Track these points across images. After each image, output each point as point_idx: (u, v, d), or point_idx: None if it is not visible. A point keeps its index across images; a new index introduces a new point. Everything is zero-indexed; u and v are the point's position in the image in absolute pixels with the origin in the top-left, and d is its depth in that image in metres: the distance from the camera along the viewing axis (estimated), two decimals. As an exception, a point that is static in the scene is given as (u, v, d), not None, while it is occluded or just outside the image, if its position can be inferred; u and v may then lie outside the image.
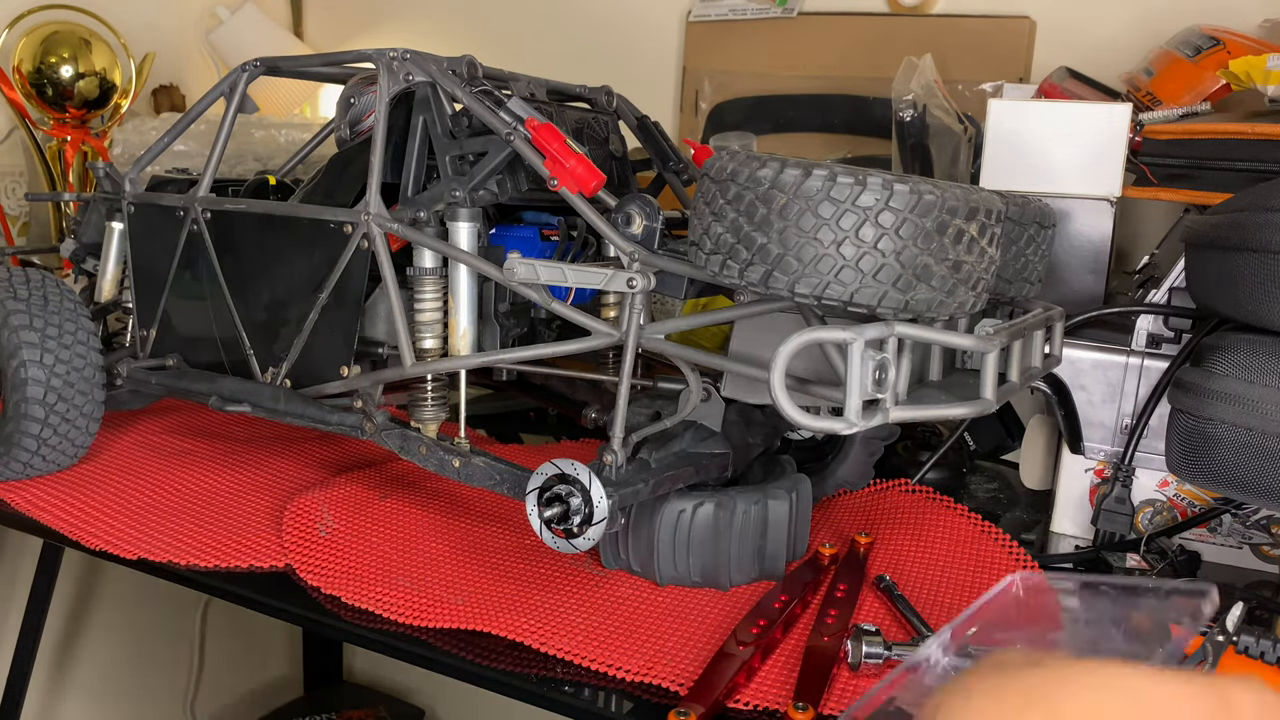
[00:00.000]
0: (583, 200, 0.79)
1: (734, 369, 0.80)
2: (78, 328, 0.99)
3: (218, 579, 0.84)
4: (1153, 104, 1.06)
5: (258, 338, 0.96)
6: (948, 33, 1.36)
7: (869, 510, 0.99)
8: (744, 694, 0.67)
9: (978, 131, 1.17)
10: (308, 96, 1.80)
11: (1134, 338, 0.92)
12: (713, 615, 0.77)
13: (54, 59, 1.50)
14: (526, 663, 0.71)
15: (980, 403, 0.65)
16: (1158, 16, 1.26)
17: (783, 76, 1.47)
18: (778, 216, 0.64)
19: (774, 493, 0.82)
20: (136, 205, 1.04)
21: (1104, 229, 0.98)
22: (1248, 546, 0.90)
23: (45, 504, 0.95)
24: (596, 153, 0.99)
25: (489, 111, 0.84)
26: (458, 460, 0.84)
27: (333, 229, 0.89)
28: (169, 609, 1.83)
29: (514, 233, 0.95)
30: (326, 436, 1.13)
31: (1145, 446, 0.90)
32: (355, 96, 0.98)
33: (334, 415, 0.91)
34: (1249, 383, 0.75)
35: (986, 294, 0.68)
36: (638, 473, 0.77)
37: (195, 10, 1.82)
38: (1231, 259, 0.76)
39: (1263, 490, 0.76)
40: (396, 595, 0.79)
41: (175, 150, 1.39)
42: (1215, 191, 0.90)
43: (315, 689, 2.05)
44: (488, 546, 0.88)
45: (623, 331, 0.77)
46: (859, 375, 0.61)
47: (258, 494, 0.99)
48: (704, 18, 1.54)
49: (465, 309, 0.86)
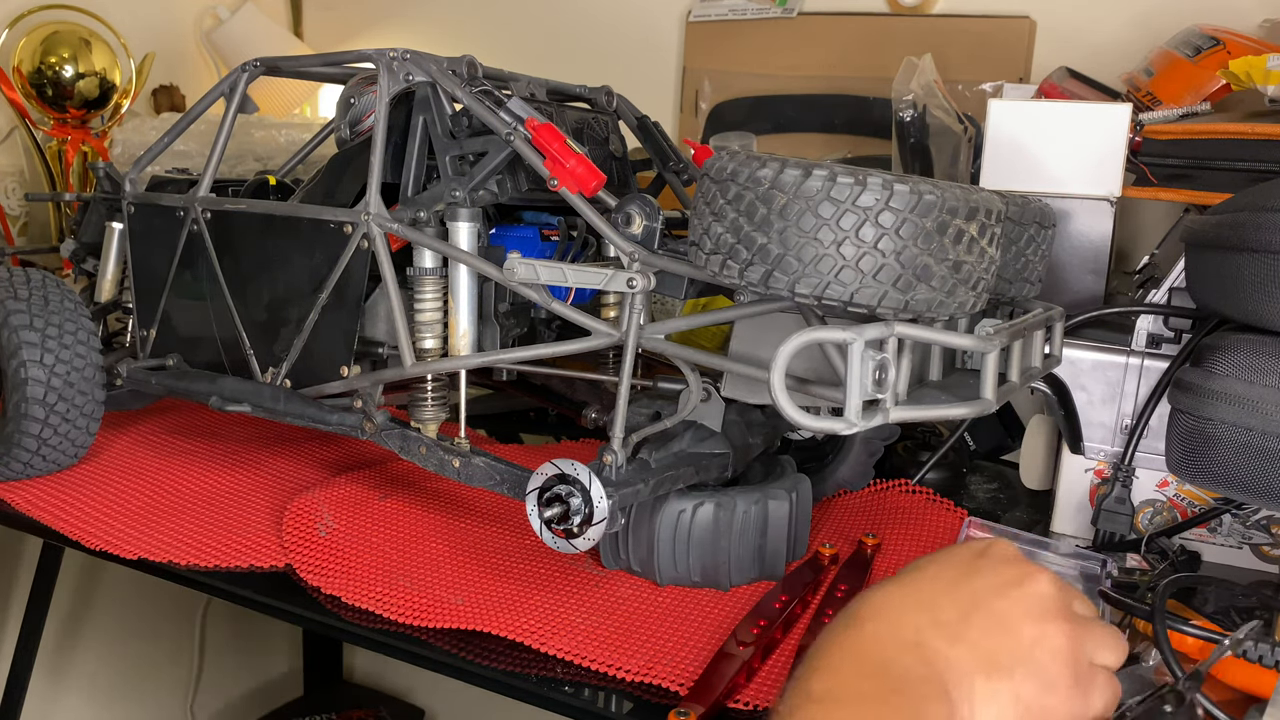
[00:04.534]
0: (583, 200, 0.79)
1: (734, 369, 0.80)
2: (78, 328, 0.99)
3: (218, 579, 0.84)
4: (1153, 104, 1.06)
5: (258, 338, 0.96)
6: (948, 33, 1.36)
7: (869, 510, 0.99)
8: (744, 694, 0.67)
9: (978, 131, 1.17)
10: (308, 96, 1.80)
11: (1134, 338, 0.91)
12: (713, 615, 0.77)
13: (54, 59, 1.49)
14: (526, 663, 0.71)
15: (980, 403, 0.65)
16: (1158, 16, 1.26)
17: (783, 76, 1.47)
18: (778, 216, 0.64)
19: (774, 493, 0.82)
20: (136, 205, 1.04)
21: (1104, 229, 0.98)
22: (1248, 546, 0.90)
23: (45, 504, 0.95)
24: (596, 153, 0.99)
25: (489, 111, 0.84)
26: (458, 460, 0.84)
27: (333, 229, 0.89)
28: (169, 609, 1.83)
29: (514, 233, 0.95)
30: (326, 436, 1.13)
31: (1145, 446, 0.90)
32: (355, 96, 0.98)
33: (334, 415, 0.91)
34: (1249, 383, 0.75)
35: (986, 294, 0.68)
36: (638, 473, 0.77)
37: (195, 10, 1.82)
38: (1231, 259, 0.76)
39: (1263, 490, 0.76)
40: (396, 595, 0.79)
41: (175, 150, 1.39)
42: (1215, 191, 0.90)
43: (315, 689, 2.05)
44: (488, 546, 0.88)
45: (623, 331, 0.77)
46: (859, 375, 0.61)
47: (258, 494, 0.99)
48: (704, 18, 1.54)
49: (465, 309, 0.86)
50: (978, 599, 0.53)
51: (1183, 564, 0.87)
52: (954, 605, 0.53)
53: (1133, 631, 0.75)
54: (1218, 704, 0.63)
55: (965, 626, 0.52)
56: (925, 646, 0.51)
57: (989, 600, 0.53)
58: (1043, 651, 0.52)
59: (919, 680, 0.49)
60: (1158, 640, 0.67)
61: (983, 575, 0.55)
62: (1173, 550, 0.88)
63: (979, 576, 0.55)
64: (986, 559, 0.56)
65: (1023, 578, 0.55)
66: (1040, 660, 0.52)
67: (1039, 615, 0.53)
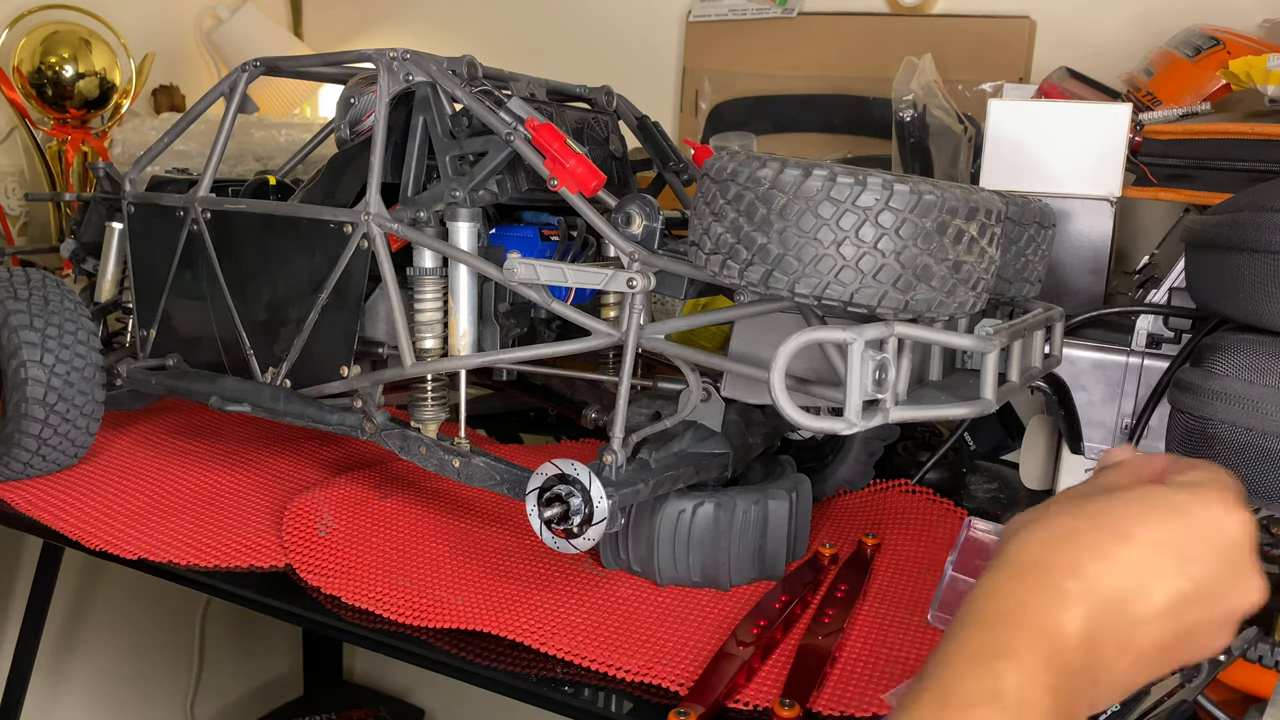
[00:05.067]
0: (583, 200, 0.79)
1: (734, 369, 0.80)
2: (78, 328, 0.99)
3: (218, 579, 0.84)
4: (1153, 104, 1.06)
5: (258, 338, 0.96)
6: (948, 33, 1.36)
7: (869, 511, 0.99)
8: (744, 694, 0.67)
9: (978, 131, 1.17)
10: (308, 96, 1.80)
11: (1134, 338, 0.91)
12: (713, 615, 0.77)
13: (54, 59, 1.49)
14: (526, 663, 0.71)
15: (980, 403, 0.65)
16: (1158, 16, 1.26)
17: (783, 76, 1.47)
18: (778, 216, 0.64)
19: (774, 493, 0.82)
20: (136, 205, 1.04)
21: (1104, 229, 0.98)
22: (1248, 546, 0.90)
23: (45, 504, 0.95)
24: (596, 153, 0.99)
25: (489, 111, 0.84)
26: (458, 460, 0.84)
27: (333, 229, 0.89)
28: (169, 609, 1.83)
29: (514, 233, 0.95)
30: (326, 436, 1.13)
31: (1145, 446, 0.90)
32: (355, 96, 0.98)
33: (334, 415, 0.91)
34: (1249, 383, 0.75)
35: (986, 294, 0.68)
36: (638, 473, 0.77)
37: (195, 10, 1.82)
38: (1231, 259, 0.76)
39: (1263, 490, 0.76)
40: (396, 595, 0.79)
41: (175, 150, 1.39)
42: (1215, 191, 0.90)
43: (315, 689, 2.05)
44: (488, 546, 0.88)
45: (623, 331, 0.77)
46: (859, 375, 0.61)
47: (258, 494, 0.99)
48: (704, 18, 1.54)
49: (465, 309, 0.86)
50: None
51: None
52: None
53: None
54: (1218, 704, 0.63)
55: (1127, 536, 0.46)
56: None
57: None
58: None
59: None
60: None
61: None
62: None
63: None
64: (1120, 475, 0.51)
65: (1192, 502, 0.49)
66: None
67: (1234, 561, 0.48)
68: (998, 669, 0.42)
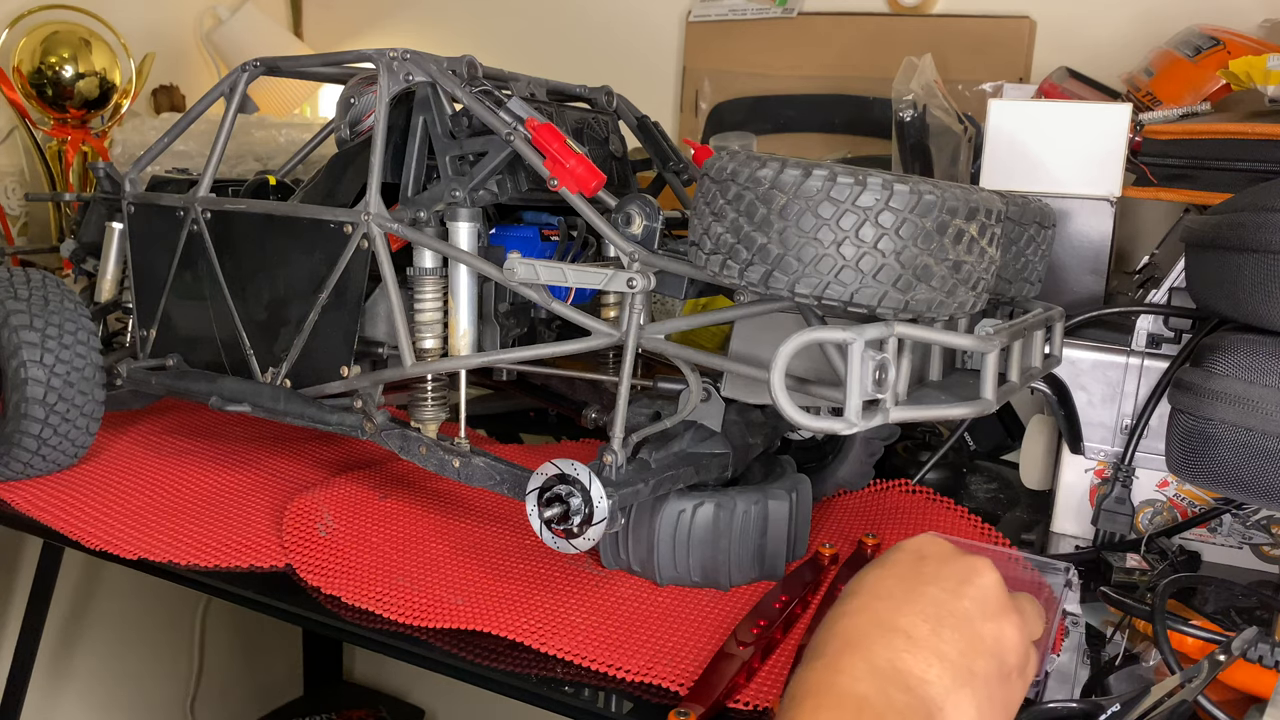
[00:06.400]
0: (583, 200, 0.79)
1: (734, 369, 0.80)
2: (78, 328, 0.99)
3: (218, 579, 0.84)
4: (1153, 104, 1.06)
5: (258, 338, 0.96)
6: (948, 33, 1.36)
7: (869, 511, 0.99)
8: (744, 694, 0.67)
9: (978, 131, 1.17)
10: (308, 96, 1.80)
11: (1134, 338, 0.92)
12: (713, 615, 0.77)
13: (54, 59, 1.49)
14: (526, 663, 0.71)
15: (980, 403, 0.65)
16: (1158, 16, 1.26)
17: (783, 76, 1.47)
18: (778, 216, 0.64)
19: (774, 493, 0.82)
20: (136, 205, 1.04)
21: (1104, 229, 0.98)
22: (1248, 546, 0.90)
23: (45, 504, 0.95)
24: (596, 153, 0.99)
25: (489, 111, 0.84)
26: (458, 460, 0.84)
27: (333, 229, 0.89)
28: (169, 609, 1.83)
29: (514, 233, 0.95)
30: (326, 436, 1.13)
31: (1145, 446, 0.90)
32: (355, 96, 0.98)
33: (334, 415, 0.91)
34: (1249, 383, 0.75)
35: (986, 294, 0.68)
36: (638, 473, 0.77)
37: (195, 10, 1.82)
38: (1231, 259, 0.76)
39: (1263, 490, 0.76)
40: (396, 595, 0.79)
41: (175, 150, 1.39)
42: (1215, 191, 0.90)
43: (315, 689, 2.05)
44: (488, 546, 0.88)
45: (623, 331, 0.77)
46: (859, 375, 0.61)
47: (258, 494, 0.99)
48: (704, 18, 1.54)
49: (465, 309, 0.86)
50: (940, 607, 0.53)
51: (1183, 564, 0.87)
52: (921, 619, 0.52)
53: (1132, 631, 0.75)
54: (1218, 704, 0.63)
55: (937, 640, 0.51)
56: (903, 673, 0.50)
57: (949, 605, 0.53)
58: (1001, 648, 0.53)
59: (904, 709, 0.48)
60: (1158, 640, 0.67)
61: (934, 580, 0.55)
62: (1172, 550, 0.88)
63: (931, 582, 0.54)
64: (929, 560, 0.56)
65: (969, 572, 0.55)
66: (1000, 656, 0.53)
67: (994, 611, 0.54)
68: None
